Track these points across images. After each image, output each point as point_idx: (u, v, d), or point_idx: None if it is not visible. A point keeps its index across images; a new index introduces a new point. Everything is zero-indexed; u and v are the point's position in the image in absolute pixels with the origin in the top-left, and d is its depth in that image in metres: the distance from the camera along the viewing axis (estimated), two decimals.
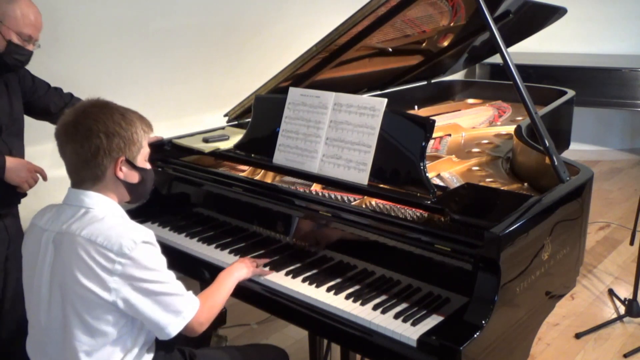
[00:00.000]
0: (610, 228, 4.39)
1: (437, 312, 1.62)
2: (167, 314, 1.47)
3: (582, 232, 1.99)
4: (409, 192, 1.81)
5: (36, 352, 1.57)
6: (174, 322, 1.48)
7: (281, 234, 2.01)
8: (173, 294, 1.48)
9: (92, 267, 1.40)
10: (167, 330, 1.48)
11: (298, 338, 2.91)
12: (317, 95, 2.05)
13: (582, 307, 3.30)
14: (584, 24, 5.62)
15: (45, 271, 1.49)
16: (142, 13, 3.26)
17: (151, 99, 3.30)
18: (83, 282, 1.40)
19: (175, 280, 1.50)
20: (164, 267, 1.48)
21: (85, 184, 1.51)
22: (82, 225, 1.44)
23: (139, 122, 1.54)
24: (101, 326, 1.44)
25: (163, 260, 1.49)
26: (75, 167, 1.51)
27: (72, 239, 1.43)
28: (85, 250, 1.41)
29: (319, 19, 3.50)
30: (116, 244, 1.40)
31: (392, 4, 2.21)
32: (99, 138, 1.46)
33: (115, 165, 1.50)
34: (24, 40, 2.11)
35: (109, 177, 1.51)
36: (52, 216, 1.52)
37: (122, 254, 1.39)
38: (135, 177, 1.56)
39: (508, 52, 2.01)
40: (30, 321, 1.58)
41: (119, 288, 1.41)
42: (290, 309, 1.77)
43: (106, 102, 1.54)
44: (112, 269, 1.40)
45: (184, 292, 1.52)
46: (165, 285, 1.46)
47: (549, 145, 1.95)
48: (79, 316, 1.43)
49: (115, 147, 1.48)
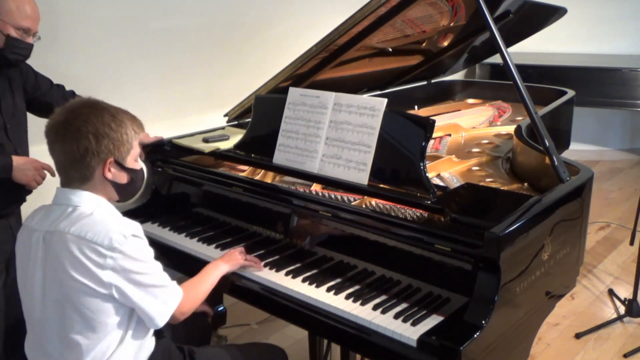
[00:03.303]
0: (610, 228, 4.38)
1: (437, 312, 1.62)
2: (157, 304, 1.50)
3: (582, 232, 1.99)
4: (409, 192, 1.81)
5: (35, 352, 1.57)
6: (161, 311, 1.51)
7: (281, 234, 2.01)
8: (160, 285, 1.51)
9: (84, 263, 1.41)
10: (156, 320, 1.51)
11: (298, 338, 2.91)
12: (317, 95, 2.05)
13: (582, 307, 3.30)
14: (584, 24, 5.62)
15: (37, 269, 1.50)
16: (143, 13, 3.26)
17: (151, 99, 3.30)
18: (77, 278, 1.42)
19: (162, 271, 1.53)
20: (151, 258, 1.51)
21: (74, 184, 1.52)
22: (71, 222, 1.45)
23: (130, 123, 1.54)
24: (101, 318, 1.46)
25: (151, 252, 1.52)
26: (64, 167, 1.52)
27: (62, 237, 1.44)
28: (77, 246, 1.42)
29: (319, 19, 3.50)
30: (106, 238, 1.41)
31: (392, 4, 2.21)
32: (87, 139, 1.46)
33: (103, 166, 1.50)
34: (23, 33, 2.08)
35: (97, 177, 1.51)
36: (42, 217, 1.53)
37: (112, 248, 1.41)
38: (124, 178, 1.56)
39: (508, 52, 2.01)
40: (27, 322, 1.59)
41: (112, 281, 1.43)
42: (290, 309, 1.77)
43: (96, 102, 1.54)
44: (104, 263, 1.41)
45: (170, 282, 1.55)
46: (153, 276, 1.49)
47: (549, 145, 1.95)
48: (78, 311, 1.44)
49: (104, 148, 1.49)
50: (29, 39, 2.12)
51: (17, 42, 2.08)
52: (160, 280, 1.51)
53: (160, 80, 3.39)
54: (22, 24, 2.08)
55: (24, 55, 2.14)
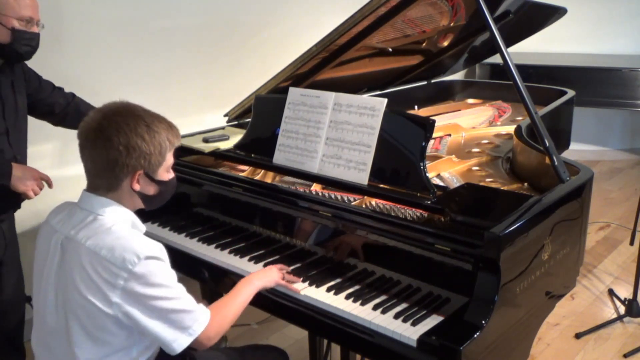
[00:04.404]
0: (610, 228, 4.39)
1: (437, 312, 1.62)
2: (172, 330, 1.41)
3: (582, 232, 1.99)
4: (409, 192, 1.81)
5: (42, 350, 1.56)
6: (180, 338, 1.43)
7: (281, 234, 2.01)
8: (180, 310, 1.42)
9: (94, 280, 1.37)
10: (173, 346, 1.43)
11: (298, 338, 2.91)
12: (317, 95, 2.05)
13: (582, 307, 3.30)
14: (584, 24, 5.62)
15: (52, 274, 1.48)
16: (143, 13, 3.26)
17: (151, 99, 3.25)
18: (85, 294, 1.38)
19: (184, 295, 1.44)
20: (171, 282, 1.42)
21: (99, 191, 1.47)
22: (89, 234, 1.41)
23: (165, 133, 1.46)
24: (104, 336, 1.42)
25: (170, 275, 1.43)
26: (91, 173, 1.47)
27: (77, 248, 1.41)
28: (89, 262, 1.38)
29: (319, 19, 3.50)
30: (119, 258, 1.35)
31: (392, 4, 2.21)
32: (118, 151, 1.39)
33: (132, 178, 1.45)
34: (27, 23, 2.08)
35: (124, 188, 1.46)
36: (64, 217, 1.50)
37: (124, 268, 1.35)
38: (152, 190, 1.51)
39: (508, 52, 2.01)
40: (35, 319, 1.57)
41: (121, 303, 1.37)
42: (290, 309, 1.77)
43: (132, 109, 1.46)
44: (115, 283, 1.36)
45: (193, 307, 1.45)
46: (171, 301, 1.41)
47: (549, 145, 1.94)
48: (81, 325, 1.41)
49: (135, 161, 1.42)
50: (33, 28, 2.11)
51: (23, 33, 2.07)
52: (180, 305, 1.42)
53: (160, 80, 3.39)
54: (24, 14, 2.07)
55: (33, 45, 2.13)
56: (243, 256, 1.97)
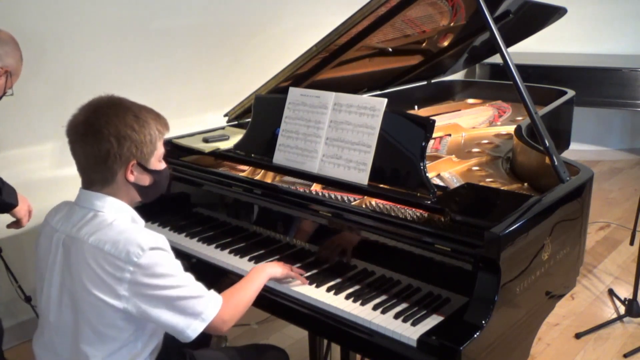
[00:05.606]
0: (610, 228, 4.39)
1: (437, 312, 1.62)
2: (184, 317, 1.43)
3: (582, 232, 1.99)
4: (409, 192, 1.81)
5: (45, 351, 1.56)
6: (193, 324, 1.44)
7: (281, 234, 2.01)
8: (189, 296, 1.43)
9: (100, 276, 1.38)
10: (187, 332, 1.44)
11: (298, 338, 2.91)
12: (317, 95, 2.05)
13: (582, 307, 3.30)
14: (584, 24, 5.62)
15: (55, 273, 1.48)
16: (143, 13, 3.26)
17: (151, 99, 3.24)
18: (92, 291, 1.38)
19: (192, 282, 1.46)
20: (177, 271, 1.43)
21: (95, 186, 1.48)
22: (91, 231, 1.42)
23: (154, 123, 1.49)
24: (111, 332, 1.43)
25: (176, 264, 1.44)
26: (85, 169, 1.47)
27: (81, 245, 1.41)
28: (94, 258, 1.38)
29: (319, 19, 3.50)
30: (123, 251, 1.37)
31: (392, 4, 2.21)
32: (109, 142, 1.41)
33: (126, 168, 1.46)
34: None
35: (119, 180, 1.47)
36: (64, 217, 1.50)
37: (129, 261, 1.36)
38: (147, 180, 1.52)
39: (508, 52, 2.01)
40: (40, 320, 1.58)
41: (129, 296, 1.38)
42: (290, 309, 1.77)
43: (119, 101, 1.48)
44: (121, 277, 1.37)
45: (204, 292, 1.47)
46: (179, 289, 1.42)
47: (549, 145, 1.94)
48: (89, 323, 1.42)
49: (127, 151, 1.43)
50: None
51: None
52: (189, 292, 1.44)
53: (160, 80, 3.40)
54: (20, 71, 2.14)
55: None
56: (243, 256, 1.97)
